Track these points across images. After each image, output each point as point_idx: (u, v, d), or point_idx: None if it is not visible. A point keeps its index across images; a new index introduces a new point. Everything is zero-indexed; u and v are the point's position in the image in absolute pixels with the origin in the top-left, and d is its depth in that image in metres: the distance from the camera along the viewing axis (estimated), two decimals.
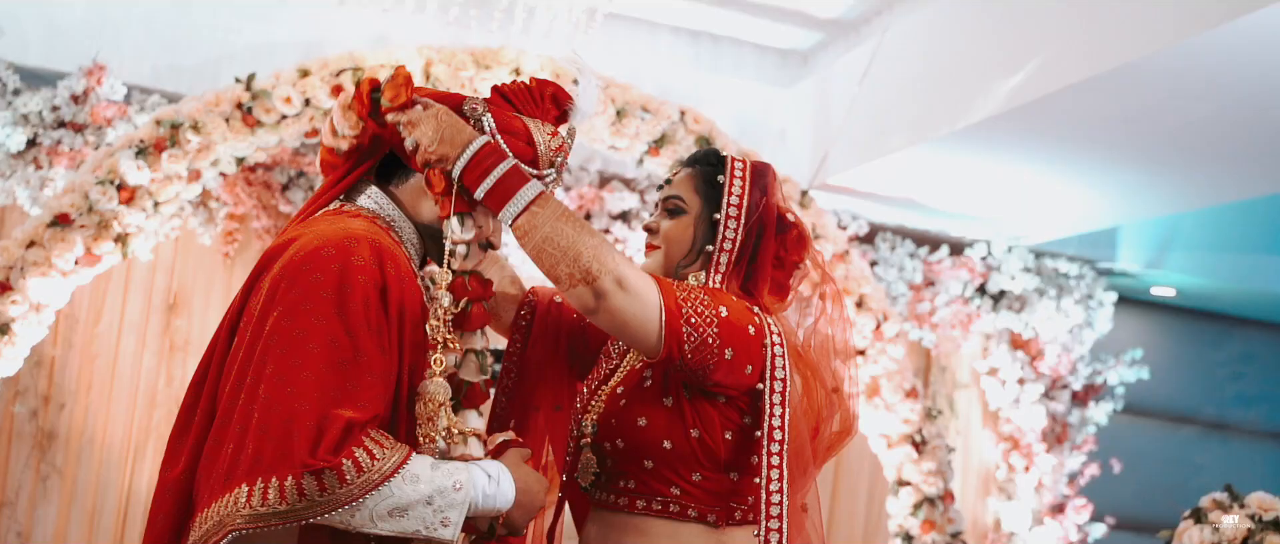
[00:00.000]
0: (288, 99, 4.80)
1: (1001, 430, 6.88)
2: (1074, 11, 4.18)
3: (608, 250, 1.99)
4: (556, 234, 1.97)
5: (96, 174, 4.70)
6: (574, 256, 1.97)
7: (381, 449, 1.82)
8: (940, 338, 6.79)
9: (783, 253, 2.26)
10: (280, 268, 1.91)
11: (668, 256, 2.27)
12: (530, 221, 1.97)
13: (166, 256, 5.85)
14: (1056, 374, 6.88)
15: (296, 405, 1.78)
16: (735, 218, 2.22)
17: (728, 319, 2.08)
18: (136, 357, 5.82)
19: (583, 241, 1.97)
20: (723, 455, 2.14)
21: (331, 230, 1.94)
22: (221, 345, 1.97)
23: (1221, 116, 4.35)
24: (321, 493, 1.77)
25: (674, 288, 2.07)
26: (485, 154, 1.97)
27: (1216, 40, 3.63)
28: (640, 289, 2.01)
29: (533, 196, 1.97)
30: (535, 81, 2.12)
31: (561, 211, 1.99)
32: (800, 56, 6.37)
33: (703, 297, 2.08)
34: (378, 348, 1.87)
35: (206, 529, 1.81)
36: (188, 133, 4.73)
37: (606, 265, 1.97)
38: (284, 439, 1.77)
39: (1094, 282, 6.98)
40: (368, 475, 1.79)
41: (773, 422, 2.10)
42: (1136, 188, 5.64)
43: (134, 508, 5.77)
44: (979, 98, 4.65)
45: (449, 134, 1.97)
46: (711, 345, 2.06)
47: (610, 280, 1.97)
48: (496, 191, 1.97)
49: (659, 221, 2.30)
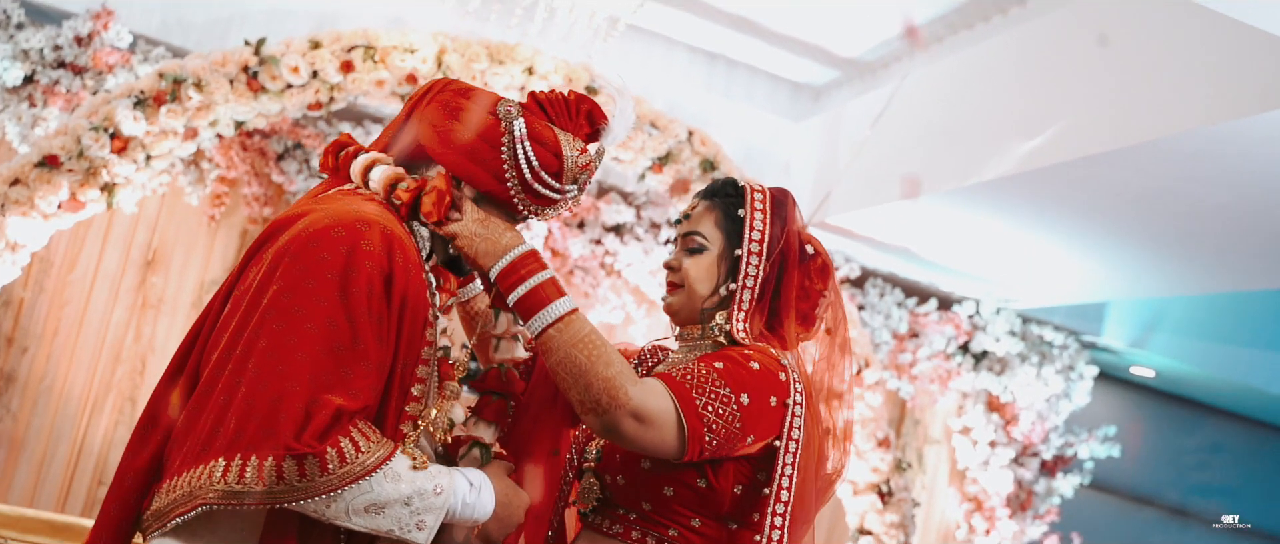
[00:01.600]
0: (295, 68, 4.71)
1: (967, 490, 6.84)
2: (1102, 82, 4.14)
3: (623, 378, 1.93)
4: (571, 360, 1.93)
5: (91, 120, 4.60)
6: (586, 385, 1.93)
7: (368, 442, 1.77)
8: (918, 390, 6.75)
9: (806, 283, 2.19)
10: (286, 241, 1.84)
11: (691, 296, 2.20)
12: (551, 341, 1.95)
13: (150, 212, 5.74)
14: (1028, 441, 6.85)
15: (286, 385, 1.72)
16: (757, 253, 2.15)
17: (750, 407, 2.01)
18: (107, 309, 5.70)
19: (596, 372, 1.92)
20: (726, 508, 2.08)
21: (344, 210, 1.88)
22: (213, 316, 1.90)
23: (1232, 207, 4.31)
24: (300, 479, 1.71)
25: (691, 394, 1.98)
26: (521, 262, 1.98)
27: (1242, 130, 3.59)
28: (656, 416, 1.95)
29: (560, 314, 1.95)
30: (573, 95, 2.08)
31: (582, 335, 1.95)
32: (813, 91, 6.33)
33: (723, 387, 2.00)
34: (376, 337, 1.81)
35: (174, 498, 1.74)
36: (190, 90, 4.63)
37: (618, 398, 1.92)
38: (269, 418, 1.70)
39: (1077, 353, 6.96)
40: (350, 467, 1.74)
41: (782, 481, 2.05)
42: (1134, 266, 5.61)
43: (85, 461, 5.65)
44: (993, 156, 4.60)
45: (487, 242, 1.98)
46: (736, 435, 2.00)
47: (624, 414, 1.92)
48: (527, 302, 1.96)
49: (680, 259, 2.23)
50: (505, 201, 2.03)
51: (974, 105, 4.95)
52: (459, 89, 2.05)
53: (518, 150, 2.00)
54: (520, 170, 2.00)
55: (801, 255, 2.19)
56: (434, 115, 2.03)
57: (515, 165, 2.00)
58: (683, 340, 2.24)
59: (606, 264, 6.32)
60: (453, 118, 2.01)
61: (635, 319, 6.43)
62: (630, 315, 6.43)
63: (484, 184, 2.01)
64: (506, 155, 2.00)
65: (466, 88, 2.06)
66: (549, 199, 2.04)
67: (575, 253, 6.21)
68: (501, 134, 2.00)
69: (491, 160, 2.00)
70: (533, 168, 2.00)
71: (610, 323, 6.43)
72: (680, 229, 2.26)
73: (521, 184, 2.01)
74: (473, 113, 2.02)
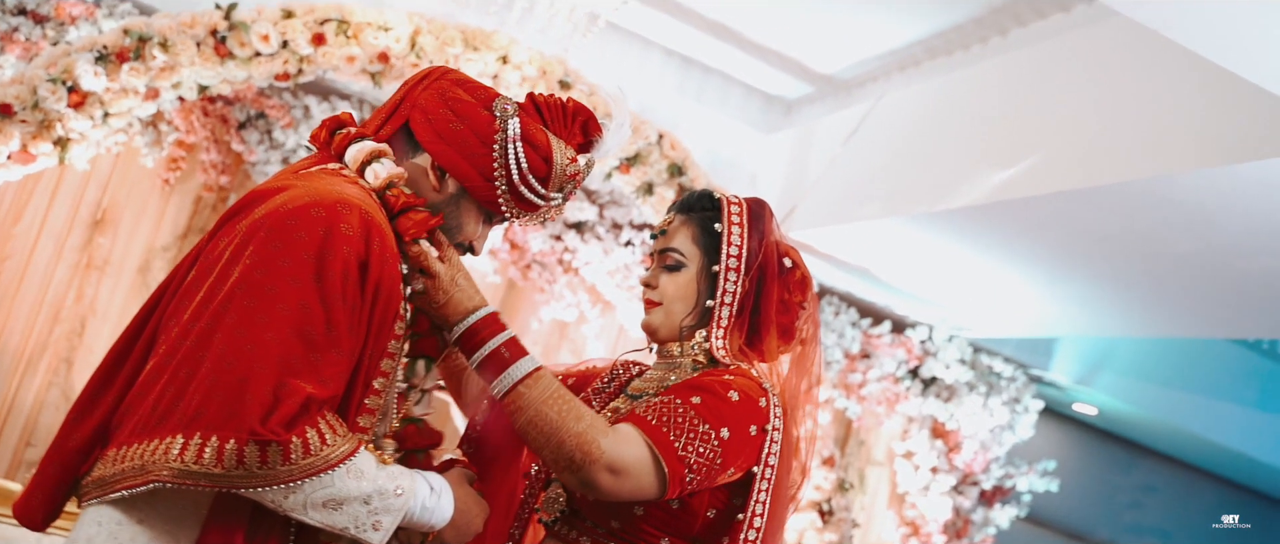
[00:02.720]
0: (265, 37, 4.60)
1: (905, 515, 6.86)
2: (1080, 120, 4.14)
3: (594, 432, 1.89)
4: (540, 418, 1.90)
5: (50, 71, 4.46)
6: (558, 443, 1.89)
7: (334, 434, 1.71)
8: (865, 411, 6.75)
9: (786, 296, 2.14)
10: (263, 215, 1.77)
11: (669, 315, 2.15)
12: (518, 401, 1.92)
13: (103, 171, 5.60)
14: (969, 470, 6.87)
15: (254, 365, 1.65)
16: (735, 269, 2.11)
17: (731, 441, 1.96)
18: (50, 267, 5.55)
19: (567, 428, 1.89)
20: (696, 530, 2.04)
21: (326, 190, 1.82)
22: (177, 281, 1.84)
23: (1197, 255, 4.33)
24: (262, 466, 1.64)
25: (669, 437, 1.92)
26: (483, 325, 1.95)
27: (1216, 179, 3.59)
28: (632, 466, 1.90)
29: (523, 375, 1.93)
30: (572, 103, 2.05)
31: (549, 393, 1.92)
32: (785, 105, 6.29)
33: (702, 425, 1.95)
34: (349, 325, 1.75)
35: (123, 469, 1.67)
36: (155, 49, 4.50)
37: (591, 454, 1.88)
38: (234, 399, 1.63)
39: (1024, 386, 6.99)
40: (313, 459, 1.68)
41: (756, 507, 2.02)
42: (1091, 304, 5.63)
43: (14, 421, 5.49)
44: (964, 184, 4.59)
45: (456, 296, 1.95)
46: (717, 470, 1.97)
47: (599, 469, 1.88)
48: (489, 364, 1.94)
49: (657, 276, 2.18)
50: (488, 200, 1.99)
51: (948, 132, 4.94)
52: (457, 79, 2.01)
53: (509, 150, 1.96)
54: (509, 171, 1.96)
55: (780, 268, 2.15)
56: (428, 102, 1.98)
57: (505, 165, 1.96)
58: (661, 357, 2.20)
59: (565, 261, 6.26)
60: (447, 108, 1.97)
61: (589, 318, 6.37)
62: (584, 314, 6.37)
63: (469, 179, 1.97)
64: (498, 153, 1.96)
65: (465, 79, 2.02)
66: (532, 204, 2.01)
67: (535, 247, 6.15)
68: (495, 131, 1.96)
69: (481, 156, 1.96)
70: (521, 170, 1.97)
71: (564, 320, 6.36)
72: (656, 246, 2.21)
73: (508, 185, 1.97)
74: (468, 105, 1.97)
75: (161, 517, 1.71)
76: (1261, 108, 3.32)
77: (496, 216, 2.04)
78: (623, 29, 5.80)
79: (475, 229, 2.02)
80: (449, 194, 1.98)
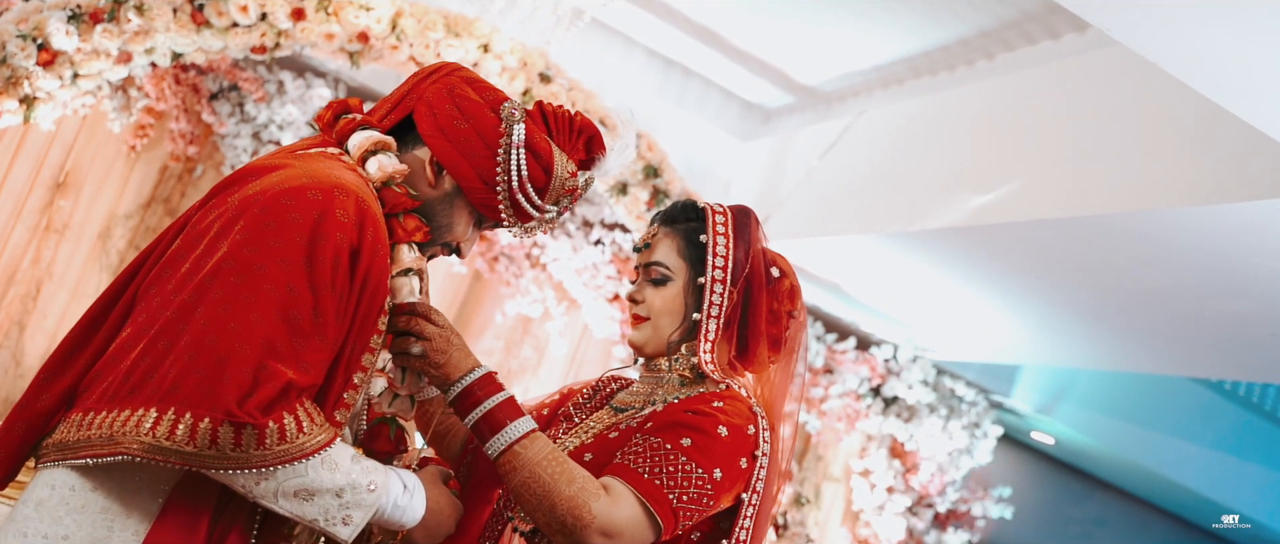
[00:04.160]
0: (244, 7, 4.51)
1: (858, 533, 6.83)
2: (1062, 149, 4.12)
3: (586, 495, 1.85)
4: (534, 480, 1.87)
5: (20, 27, 4.35)
6: (550, 507, 1.85)
7: (311, 423, 1.67)
8: (825, 426, 6.72)
9: (775, 306, 2.10)
10: (257, 191, 1.73)
11: (657, 330, 2.11)
12: (513, 461, 1.89)
13: (68, 132, 5.48)
14: (925, 491, 6.85)
15: (236, 344, 1.61)
16: (722, 281, 2.06)
17: (723, 480, 1.93)
18: (7, 227, 5.43)
19: (559, 491, 1.85)
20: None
21: (323, 173, 1.77)
22: (160, 249, 1.79)
23: (1168, 291, 4.32)
24: (235, 448, 1.60)
25: (662, 491, 1.89)
26: (479, 386, 1.92)
27: (1196, 217, 3.58)
28: (626, 526, 1.87)
29: (518, 435, 1.89)
30: (580, 117, 2.02)
31: (543, 455, 1.88)
32: (763, 113, 6.26)
33: (696, 469, 1.91)
34: (335, 313, 1.71)
35: (89, 436, 1.62)
36: (130, 12, 4.41)
37: (583, 518, 1.84)
38: (213, 377, 1.59)
39: (984, 412, 6.99)
40: (288, 446, 1.64)
41: (740, 534, 1.99)
42: (1058, 334, 5.63)
43: None
44: (940, 205, 4.56)
45: (454, 356, 1.92)
46: (710, 508, 1.95)
47: (592, 533, 1.85)
48: (484, 424, 1.91)
49: (643, 291, 2.14)
50: (482, 203, 1.95)
51: (927, 151, 4.92)
52: (467, 77, 1.98)
53: (512, 156, 1.92)
54: (509, 177, 1.92)
55: (768, 278, 2.11)
56: (435, 97, 1.94)
57: (506, 171, 1.92)
58: (649, 371, 2.15)
59: (533, 255, 6.19)
60: (454, 104, 1.93)
61: (554, 315, 6.31)
62: (549, 311, 6.31)
63: (466, 179, 1.93)
64: (501, 158, 1.92)
65: (475, 78, 1.98)
66: (526, 214, 1.97)
67: (503, 240, 6.08)
68: (500, 135, 1.92)
69: (483, 159, 1.92)
70: (521, 178, 1.93)
71: (528, 315, 6.30)
72: (640, 259, 2.16)
73: (507, 192, 1.93)
74: (475, 105, 1.94)
75: (119, 487, 1.66)
76: (1248, 147, 3.30)
77: (488, 221, 2.00)
78: (607, 26, 5.75)
79: (465, 230, 1.99)
80: (444, 192, 1.95)
